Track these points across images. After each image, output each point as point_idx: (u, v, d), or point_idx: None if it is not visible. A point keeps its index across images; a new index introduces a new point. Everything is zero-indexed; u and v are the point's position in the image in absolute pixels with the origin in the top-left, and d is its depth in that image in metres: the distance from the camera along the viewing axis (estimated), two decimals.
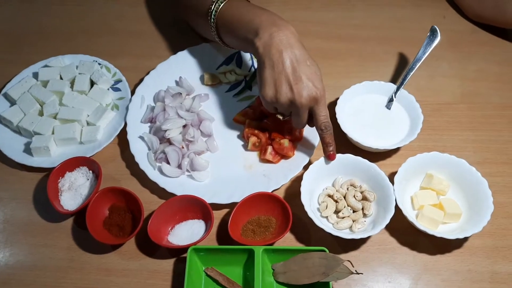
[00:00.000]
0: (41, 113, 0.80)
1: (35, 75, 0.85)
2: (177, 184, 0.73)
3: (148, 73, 0.84)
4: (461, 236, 0.64)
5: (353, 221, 0.68)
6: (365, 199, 0.70)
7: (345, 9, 0.99)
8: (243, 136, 0.78)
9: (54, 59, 0.86)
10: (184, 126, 0.77)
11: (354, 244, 0.68)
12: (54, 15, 0.99)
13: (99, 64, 0.86)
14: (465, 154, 0.75)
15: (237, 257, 0.65)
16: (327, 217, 0.69)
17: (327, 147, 0.70)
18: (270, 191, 0.71)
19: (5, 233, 0.71)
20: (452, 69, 0.89)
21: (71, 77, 0.83)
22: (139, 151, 0.75)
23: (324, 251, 0.63)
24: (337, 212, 0.69)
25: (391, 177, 0.69)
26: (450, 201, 0.69)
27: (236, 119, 0.81)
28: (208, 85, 0.85)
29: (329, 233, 0.65)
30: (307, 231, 0.69)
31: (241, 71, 0.85)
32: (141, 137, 0.77)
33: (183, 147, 0.76)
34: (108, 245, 0.69)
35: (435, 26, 0.82)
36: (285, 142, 0.74)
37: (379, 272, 0.66)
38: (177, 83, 0.85)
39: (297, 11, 0.98)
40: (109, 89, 0.84)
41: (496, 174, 0.75)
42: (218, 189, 0.72)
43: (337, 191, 0.71)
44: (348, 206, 0.69)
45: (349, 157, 0.71)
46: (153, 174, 0.73)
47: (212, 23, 0.75)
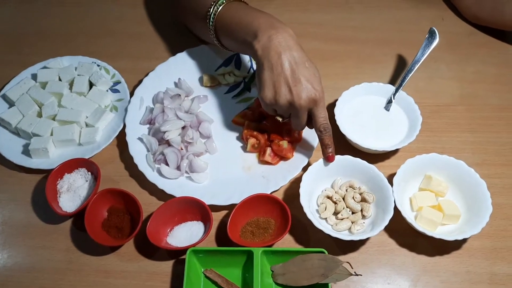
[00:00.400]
0: (39, 115, 0.80)
1: (34, 77, 0.85)
2: (176, 185, 0.72)
3: (147, 75, 0.84)
4: (460, 237, 0.64)
5: (352, 223, 0.68)
6: (364, 200, 0.70)
7: (343, 11, 0.99)
8: (242, 137, 0.78)
9: (53, 61, 0.86)
10: (183, 127, 0.77)
11: (353, 245, 0.68)
12: (53, 16, 0.99)
13: (98, 65, 0.86)
14: (463, 155, 0.75)
15: (236, 259, 0.65)
16: (326, 219, 0.69)
17: (326, 148, 0.70)
18: (269, 193, 0.71)
19: (4, 234, 0.71)
20: (450, 71, 0.89)
21: (70, 79, 0.83)
22: (138, 153, 0.75)
23: (323, 252, 0.63)
24: (336, 213, 0.69)
25: (390, 179, 0.69)
26: (449, 202, 0.69)
27: (235, 121, 0.81)
28: (207, 86, 0.85)
29: (328, 235, 0.65)
30: (306, 232, 0.69)
31: (240, 72, 0.86)
32: (140, 139, 0.77)
33: (182, 149, 0.76)
34: (106, 247, 0.68)
35: (434, 28, 0.82)
36: (284, 143, 0.74)
37: (378, 273, 0.66)
38: (176, 84, 0.85)
39: (295, 13, 0.98)
40: (108, 91, 0.84)
41: (494, 175, 0.75)
42: (217, 190, 0.72)
43: (336, 192, 0.71)
44: (347, 207, 0.69)
45: (348, 158, 0.71)
46: (152, 175, 0.73)
47: (210, 26, 0.75)
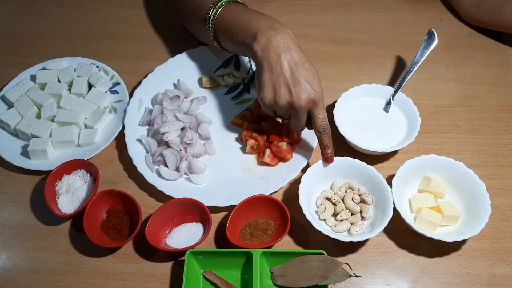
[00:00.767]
0: (38, 116, 0.80)
1: (33, 78, 0.85)
2: (175, 187, 0.72)
3: (146, 76, 0.84)
4: (459, 238, 0.64)
5: (351, 224, 0.68)
6: (363, 201, 0.70)
7: (343, 12, 0.99)
8: (241, 139, 0.78)
9: (52, 62, 0.86)
10: (182, 129, 0.77)
11: (352, 247, 0.68)
12: (52, 18, 0.99)
13: (97, 67, 0.86)
14: (462, 157, 0.75)
15: (235, 260, 0.65)
16: (325, 220, 0.69)
17: (325, 149, 0.70)
18: (268, 194, 0.70)
19: (2, 236, 0.70)
20: (449, 72, 0.89)
21: (69, 80, 0.83)
22: (137, 154, 0.75)
23: (322, 254, 0.62)
24: (335, 215, 0.69)
25: (389, 180, 0.69)
26: (448, 203, 0.69)
27: (234, 122, 0.81)
28: (206, 88, 0.85)
29: (327, 236, 0.65)
30: (305, 234, 0.69)
31: (239, 74, 0.86)
32: (139, 140, 0.77)
33: (181, 150, 0.75)
34: (105, 248, 0.68)
35: (433, 29, 0.82)
36: (283, 145, 0.74)
37: (377, 275, 0.66)
38: (175, 86, 0.85)
39: (294, 14, 0.98)
40: (107, 92, 0.84)
41: (493, 176, 0.75)
42: (216, 192, 0.72)
43: (335, 193, 0.71)
44: (346, 209, 0.69)
45: (347, 159, 0.71)
46: (151, 177, 0.73)
47: (210, 28, 0.76)
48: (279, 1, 1.00)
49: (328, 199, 0.70)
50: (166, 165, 0.74)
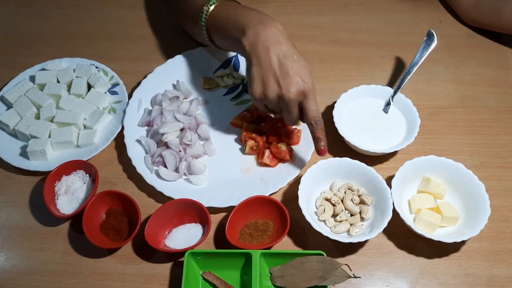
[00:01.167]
0: (37, 117, 0.80)
1: (32, 79, 0.85)
2: (174, 187, 0.72)
3: (145, 77, 0.84)
4: (459, 239, 0.64)
5: (351, 225, 0.68)
6: (362, 202, 0.70)
7: (342, 13, 0.99)
8: (240, 139, 0.78)
9: (51, 63, 0.86)
10: (181, 129, 0.77)
11: (351, 247, 0.68)
12: (51, 18, 0.99)
13: (96, 67, 0.86)
14: (462, 157, 0.76)
15: (234, 261, 0.65)
16: (324, 221, 0.69)
17: (318, 142, 0.69)
18: (267, 195, 0.70)
19: (1, 237, 0.70)
20: (448, 73, 0.89)
21: (68, 81, 0.83)
22: (136, 155, 0.75)
23: (321, 254, 0.62)
24: (334, 215, 0.69)
25: (389, 181, 0.69)
26: (447, 204, 0.69)
27: (233, 123, 0.81)
28: (205, 88, 0.85)
29: (327, 237, 0.65)
30: (304, 234, 0.69)
31: (238, 74, 0.86)
32: (138, 141, 0.77)
33: (180, 151, 0.75)
34: (104, 249, 0.68)
35: (432, 30, 0.83)
36: (283, 145, 0.74)
37: (376, 276, 0.66)
38: (174, 86, 0.85)
39: (293, 15, 0.98)
40: (106, 93, 0.84)
41: (492, 177, 0.75)
42: (215, 192, 0.72)
43: (334, 194, 0.71)
44: (345, 209, 0.69)
45: (347, 160, 0.71)
46: (150, 177, 0.73)
47: (202, 25, 0.76)
48: (278, 2, 1.00)
49: (327, 200, 0.70)
50: (165, 166, 0.74)
